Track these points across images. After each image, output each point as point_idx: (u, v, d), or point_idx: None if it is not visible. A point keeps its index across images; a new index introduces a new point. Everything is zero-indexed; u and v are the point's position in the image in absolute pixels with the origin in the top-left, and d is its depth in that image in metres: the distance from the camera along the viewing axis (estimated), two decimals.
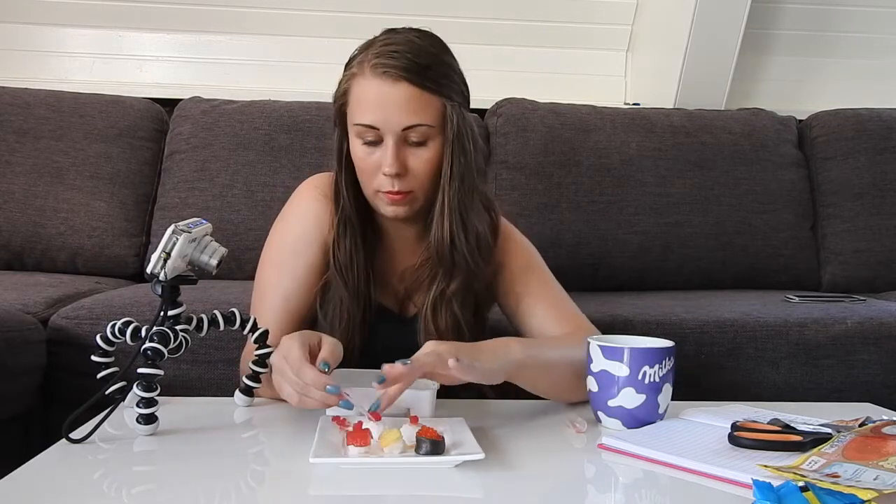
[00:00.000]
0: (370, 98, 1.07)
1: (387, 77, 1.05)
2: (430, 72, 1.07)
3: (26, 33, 2.38)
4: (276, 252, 1.19)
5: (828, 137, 2.24)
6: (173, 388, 1.33)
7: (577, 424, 0.97)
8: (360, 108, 1.08)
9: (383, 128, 1.07)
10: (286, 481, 0.80)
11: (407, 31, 1.12)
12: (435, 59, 1.09)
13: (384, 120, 1.06)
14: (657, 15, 2.42)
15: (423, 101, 1.07)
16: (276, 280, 1.17)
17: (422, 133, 1.08)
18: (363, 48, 1.11)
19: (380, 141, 1.08)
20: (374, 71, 1.06)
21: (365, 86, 1.07)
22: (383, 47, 1.08)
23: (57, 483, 0.77)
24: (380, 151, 1.08)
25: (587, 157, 2.08)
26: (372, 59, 1.07)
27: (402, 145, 1.08)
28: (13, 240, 1.95)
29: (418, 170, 1.10)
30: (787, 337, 1.54)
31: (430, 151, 1.09)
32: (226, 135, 2.04)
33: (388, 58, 1.06)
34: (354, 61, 1.11)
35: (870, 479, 0.72)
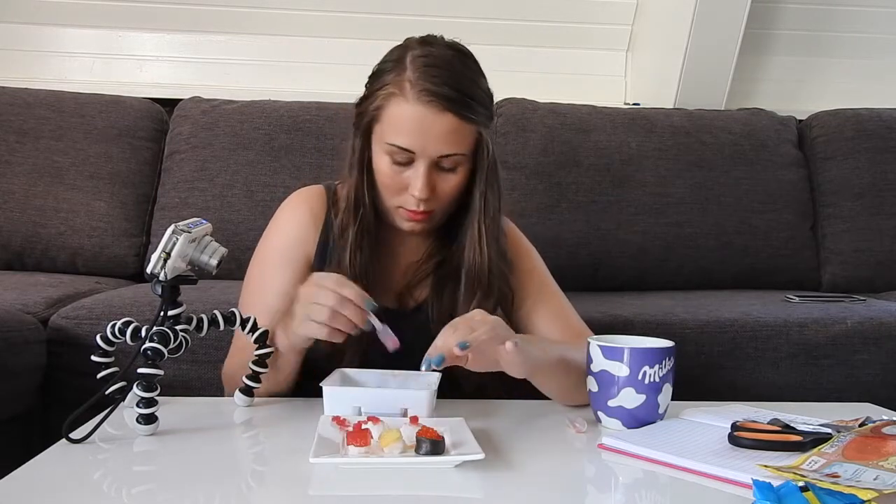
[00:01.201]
0: (411, 123, 1.06)
1: (431, 106, 1.04)
2: (472, 102, 1.07)
3: (26, 33, 2.38)
4: (260, 264, 1.21)
5: (828, 137, 2.25)
6: (173, 388, 1.33)
7: (577, 424, 0.97)
8: (397, 130, 1.07)
9: (419, 153, 1.07)
10: (286, 481, 0.80)
11: (443, 46, 1.10)
12: (475, 86, 1.09)
13: (422, 147, 1.06)
14: (657, 15, 2.42)
15: (462, 132, 1.07)
16: (260, 292, 1.18)
17: (454, 161, 1.09)
18: (397, 62, 1.09)
19: (410, 162, 1.08)
20: (418, 97, 1.05)
21: (407, 109, 1.05)
22: (426, 68, 1.06)
23: (57, 483, 0.77)
24: (409, 172, 1.08)
25: (587, 157, 2.08)
26: (416, 82, 1.05)
27: (433, 169, 1.08)
28: (13, 240, 1.95)
29: (444, 193, 1.11)
30: (787, 337, 1.54)
31: (459, 177, 1.11)
32: (226, 135, 2.04)
33: (433, 83, 1.04)
34: (389, 77, 1.08)
35: (870, 479, 0.72)
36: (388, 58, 1.12)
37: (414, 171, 1.08)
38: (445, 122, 1.05)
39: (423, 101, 1.05)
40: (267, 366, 1.05)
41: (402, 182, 1.09)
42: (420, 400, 0.96)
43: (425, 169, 1.07)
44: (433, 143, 1.06)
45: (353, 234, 1.13)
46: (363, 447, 0.82)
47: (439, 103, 1.04)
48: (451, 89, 1.05)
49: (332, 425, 0.90)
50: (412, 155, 1.07)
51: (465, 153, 1.09)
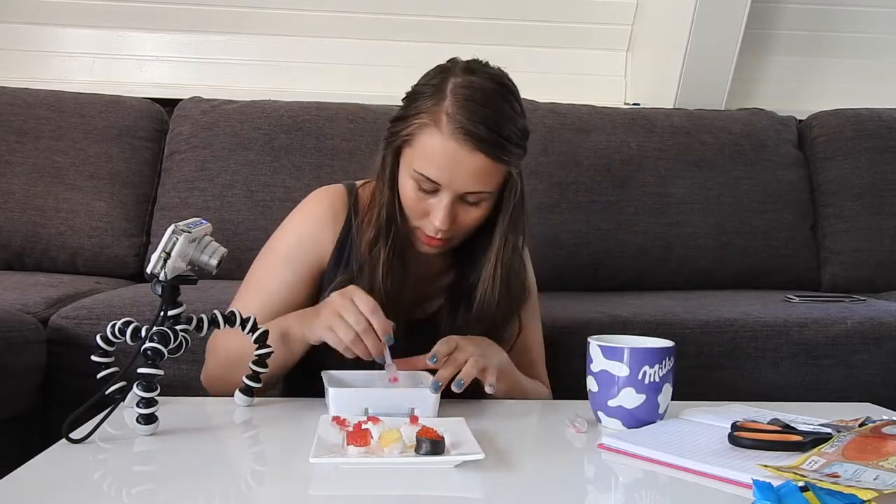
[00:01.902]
0: (441, 157, 1.04)
1: (465, 144, 1.03)
2: (506, 143, 1.06)
3: (26, 33, 2.38)
4: (268, 256, 1.20)
5: (828, 137, 2.25)
6: (173, 388, 1.33)
7: (577, 424, 0.96)
8: (427, 161, 1.06)
9: (445, 186, 1.06)
10: (286, 481, 0.80)
11: (486, 78, 1.08)
12: (512, 124, 1.07)
13: (448, 181, 1.06)
14: (657, 15, 2.42)
15: (492, 171, 1.07)
16: (261, 283, 1.18)
17: (479, 197, 1.09)
18: (436, 87, 1.07)
19: (435, 191, 1.07)
20: (453, 133, 1.03)
21: (439, 142, 1.04)
22: (465, 102, 1.04)
23: (57, 483, 0.77)
24: (432, 199, 1.08)
25: (587, 157, 2.08)
26: (452, 116, 1.03)
27: (457, 202, 1.08)
28: (13, 240, 1.95)
29: (464, 225, 1.11)
30: (787, 337, 1.54)
31: (482, 211, 1.11)
32: (226, 135, 2.04)
33: (470, 121, 1.03)
34: (427, 104, 1.06)
35: (870, 479, 0.72)
36: (428, 80, 1.10)
37: (437, 202, 1.07)
38: (476, 162, 1.04)
39: (456, 138, 1.03)
40: (267, 366, 1.05)
41: (424, 208, 1.09)
42: (427, 399, 0.97)
43: (449, 202, 1.07)
44: (461, 180, 1.05)
45: (385, 255, 1.12)
46: (363, 447, 0.82)
47: (473, 142, 1.03)
48: (487, 129, 1.03)
49: (332, 425, 0.90)
50: (438, 186, 1.07)
51: (491, 191, 1.09)
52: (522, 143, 1.11)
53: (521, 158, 1.11)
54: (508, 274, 1.16)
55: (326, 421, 0.91)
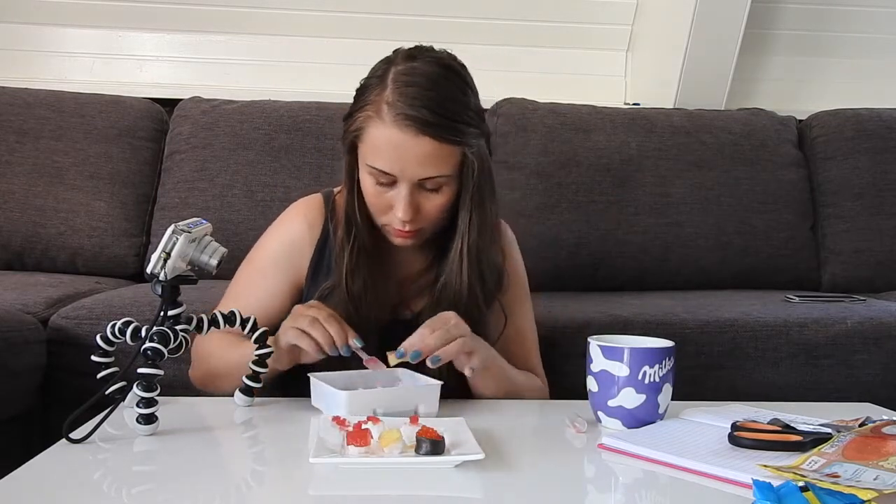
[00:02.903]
0: (388, 147, 1.04)
1: (408, 130, 1.02)
2: (452, 123, 1.04)
3: (26, 33, 2.38)
4: (249, 268, 1.22)
5: (828, 137, 2.25)
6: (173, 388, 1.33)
7: (577, 424, 0.96)
8: (376, 154, 1.05)
9: (399, 176, 1.06)
10: (286, 481, 0.80)
11: (427, 62, 1.07)
12: (458, 105, 1.06)
13: (400, 170, 1.05)
14: (657, 15, 2.42)
15: (442, 154, 1.05)
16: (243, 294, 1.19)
17: (437, 182, 1.07)
18: (379, 78, 1.06)
19: (393, 183, 1.07)
20: (394, 120, 1.02)
21: (384, 132, 1.04)
22: (405, 88, 1.03)
23: (57, 483, 0.77)
24: (392, 192, 1.07)
25: (587, 157, 2.08)
26: (392, 104, 1.03)
27: (416, 191, 1.07)
28: (13, 240, 1.95)
29: (430, 213, 1.10)
30: (787, 337, 1.54)
31: (444, 196, 1.09)
32: (226, 135, 2.04)
33: (410, 106, 1.02)
34: (370, 96, 1.06)
35: (870, 479, 0.72)
36: (373, 73, 1.10)
37: (397, 193, 1.07)
38: (423, 146, 1.03)
39: (398, 125, 1.02)
40: (267, 366, 1.05)
41: (387, 202, 1.08)
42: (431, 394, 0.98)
43: (407, 192, 1.06)
44: (412, 167, 1.04)
45: (349, 255, 1.12)
46: (363, 447, 0.82)
47: (416, 127, 1.02)
48: (430, 111, 1.02)
49: (332, 425, 0.90)
50: (393, 177, 1.06)
51: (447, 174, 1.07)
52: (475, 121, 1.08)
53: (476, 138, 1.08)
54: (478, 258, 1.13)
55: (326, 421, 0.91)
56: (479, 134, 1.09)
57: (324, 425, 0.89)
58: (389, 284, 1.19)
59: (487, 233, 1.14)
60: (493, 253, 1.17)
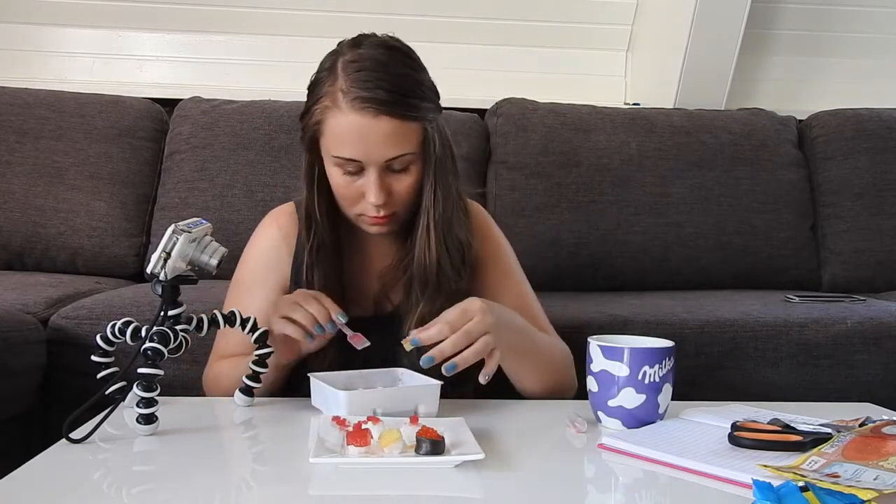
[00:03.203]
0: (350, 134, 1.05)
1: (366, 112, 1.03)
2: (408, 100, 1.05)
3: (26, 33, 2.38)
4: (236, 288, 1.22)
5: (828, 137, 2.25)
6: (173, 388, 1.33)
7: (577, 424, 0.96)
8: (339, 143, 1.06)
9: (366, 161, 1.06)
10: (286, 481, 0.80)
11: (373, 46, 1.08)
12: (410, 81, 1.07)
13: (366, 154, 1.05)
14: (657, 15, 2.42)
15: (404, 131, 1.06)
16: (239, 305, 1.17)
17: (404, 161, 1.08)
18: (329, 70, 1.07)
19: (360, 171, 1.07)
20: (351, 106, 1.03)
21: (343, 120, 1.04)
22: (356, 74, 1.04)
23: (57, 483, 0.77)
24: (362, 180, 1.08)
25: (587, 157, 2.08)
26: (347, 91, 1.04)
27: (385, 173, 1.08)
28: (13, 240, 1.95)
29: (401, 194, 1.10)
30: (787, 337, 1.54)
31: (413, 175, 1.10)
32: (226, 135, 2.04)
33: (364, 89, 1.03)
34: (323, 88, 1.07)
35: (870, 479, 0.72)
36: (322, 67, 1.10)
37: (366, 179, 1.07)
38: (384, 126, 1.04)
39: (357, 109, 1.03)
40: (267, 366, 1.05)
41: (357, 190, 1.09)
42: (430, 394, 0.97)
43: (376, 175, 1.06)
44: (377, 149, 1.05)
45: (308, 252, 1.13)
46: (363, 447, 0.82)
47: (374, 108, 1.03)
48: (385, 91, 1.03)
49: (332, 425, 0.90)
50: (360, 164, 1.06)
51: (413, 152, 1.08)
52: (430, 96, 1.10)
53: (433, 112, 1.10)
54: (445, 232, 1.13)
55: (326, 421, 0.91)
56: (435, 108, 1.10)
57: (324, 425, 0.89)
58: (367, 279, 1.20)
59: (451, 207, 1.14)
60: (459, 228, 1.16)
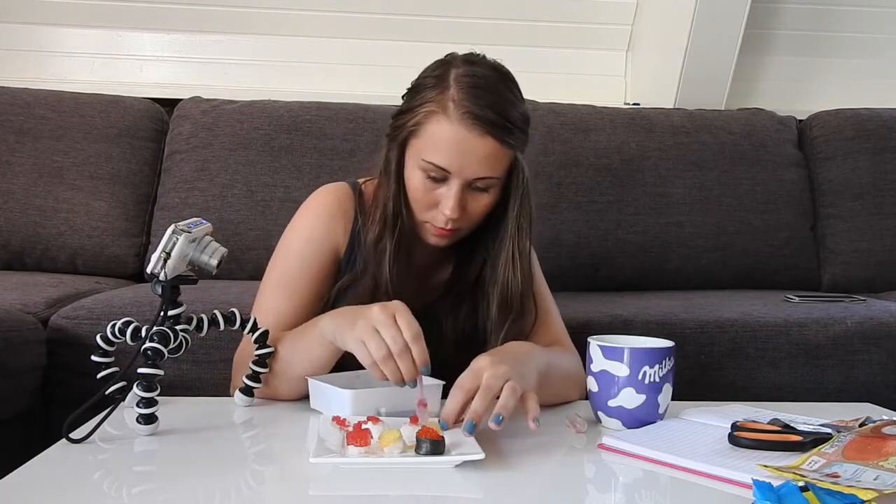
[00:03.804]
0: (450, 143, 1.05)
1: (474, 129, 1.04)
2: (512, 127, 1.07)
3: (26, 33, 2.38)
4: (286, 252, 1.19)
5: (828, 137, 2.25)
6: (173, 388, 1.33)
7: (577, 424, 0.97)
8: (436, 149, 1.06)
9: (454, 173, 1.07)
10: (286, 481, 0.80)
11: (487, 67, 1.10)
12: (515, 110, 1.09)
13: (458, 167, 1.06)
14: (657, 15, 2.42)
15: (499, 156, 1.08)
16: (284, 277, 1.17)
17: (488, 183, 1.09)
18: (439, 79, 1.08)
19: (444, 179, 1.08)
20: (461, 118, 1.04)
21: (448, 129, 1.05)
22: (471, 89, 1.06)
23: (57, 483, 0.77)
24: (442, 189, 1.09)
25: (587, 157, 2.08)
26: (460, 103, 1.05)
27: (466, 190, 1.09)
28: (13, 240, 1.95)
29: (474, 213, 1.11)
30: (787, 337, 1.54)
31: (490, 197, 1.11)
32: (226, 135, 2.04)
33: (477, 106, 1.04)
34: (432, 93, 1.07)
35: (870, 479, 0.72)
36: (430, 73, 1.11)
37: (447, 190, 1.08)
38: (485, 146, 1.05)
39: (465, 123, 1.04)
40: (267, 365, 1.05)
41: (433, 198, 1.10)
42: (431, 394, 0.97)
43: (458, 189, 1.07)
44: (470, 165, 1.06)
45: (391, 249, 1.12)
46: (363, 447, 0.82)
47: (482, 126, 1.04)
48: (494, 113, 1.05)
49: (332, 425, 0.90)
50: (447, 174, 1.07)
51: (499, 177, 1.10)
52: (525, 128, 1.12)
53: (525, 144, 1.12)
54: (528, 259, 1.18)
55: (326, 421, 0.91)
56: (526, 140, 1.13)
57: (324, 425, 0.89)
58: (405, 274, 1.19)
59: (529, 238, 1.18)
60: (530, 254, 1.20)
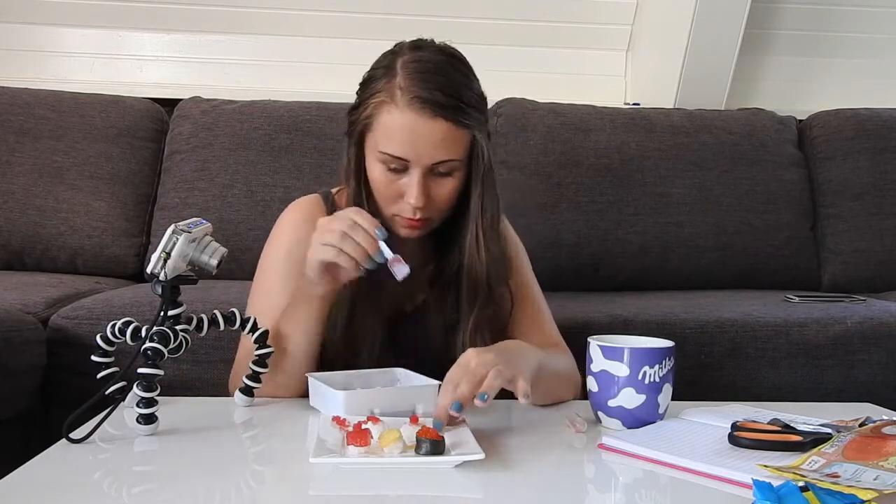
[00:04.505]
0: (402, 131, 1.05)
1: (423, 113, 1.03)
2: (465, 107, 1.06)
3: (26, 33, 2.38)
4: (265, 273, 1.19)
5: (828, 137, 2.25)
6: (173, 388, 1.33)
7: (577, 424, 0.97)
8: (390, 139, 1.06)
9: (413, 161, 1.06)
10: (286, 481, 0.80)
11: (434, 51, 1.09)
12: (468, 89, 1.08)
13: (415, 154, 1.05)
14: (657, 15, 2.42)
15: (455, 137, 1.06)
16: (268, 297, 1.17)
17: (449, 166, 1.08)
18: (387, 68, 1.08)
19: (404, 169, 1.07)
20: (410, 104, 1.04)
21: (398, 117, 1.04)
22: (417, 74, 1.05)
23: (57, 483, 0.77)
24: (404, 179, 1.08)
25: (587, 157, 2.08)
26: (406, 89, 1.04)
27: (428, 176, 1.08)
28: (13, 240, 1.95)
29: (440, 199, 1.10)
30: (787, 337, 1.54)
31: (455, 182, 1.10)
32: (226, 135, 2.04)
33: (424, 89, 1.04)
34: (380, 84, 1.07)
35: (870, 479, 0.72)
36: (379, 64, 1.11)
37: (409, 179, 1.07)
38: (438, 129, 1.04)
39: (414, 108, 1.04)
40: (267, 365, 1.05)
41: (397, 190, 1.08)
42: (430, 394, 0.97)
43: (420, 176, 1.06)
44: (427, 151, 1.05)
45: None
46: (363, 447, 0.82)
47: (431, 110, 1.03)
48: (443, 95, 1.04)
49: (332, 425, 0.90)
50: (406, 163, 1.06)
51: (459, 158, 1.08)
52: (481, 107, 1.11)
53: (483, 124, 1.10)
54: (496, 240, 1.15)
55: (326, 421, 0.91)
56: (485, 120, 1.11)
57: (324, 425, 0.89)
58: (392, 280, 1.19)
59: (497, 218, 1.15)
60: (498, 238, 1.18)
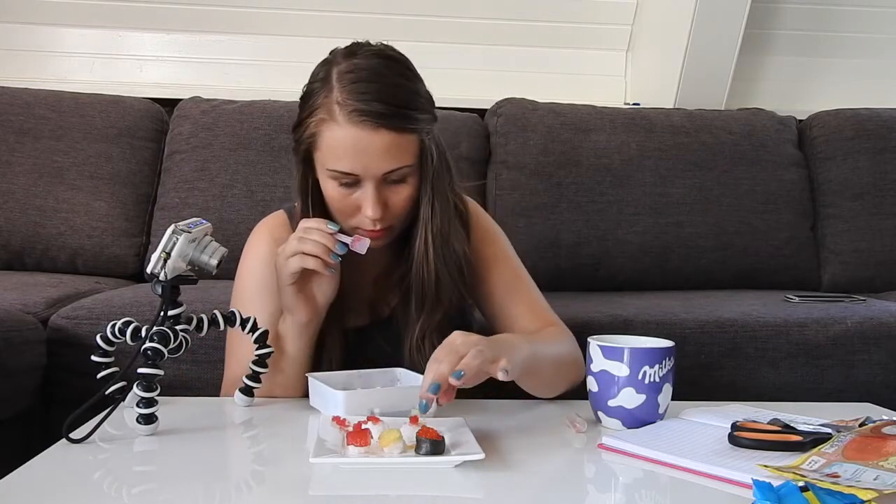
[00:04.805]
0: (347, 147, 1.02)
1: (364, 126, 1.01)
2: (406, 112, 1.03)
3: (26, 33, 2.38)
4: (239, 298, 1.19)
5: (828, 137, 2.25)
6: (173, 388, 1.33)
7: (577, 424, 0.97)
8: (336, 156, 1.03)
9: (363, 175, 1.04)
10: (286, 481, 0.80)
11: (367, 56, 1.05)
12: (407, 92, 1.05)
13: (364, 168, 1.03)
14: (657, 15, 2.42)
15: (402, 144, 1.04)
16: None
17: (401, 173, 1.06)
18: (323, 81, 1.05)
19: (356, 183, 1.05)
20: (349, 119, 1.01)
21: (340, 134, 1.02)
22: (352, 85, 1.02)
23: (57, 483, 0.77)
24: (358, 192, 1.06)
25: (587, 157, 2.08)
26: (343, 103, 1.01)
27: (381, 186, 1.05)
28: (13, 240, 1.95)
29: (398, 206, 1.08)
30: (787, 337, 1.54)
31: (410, 187, 1.08)
32: (226, 135, 2.04)
33: (362, 101, 1.00)
34: (318, 100, 1.04)
35: (870, 479, 0.72)
36: (315, 77, 1.08)
37: (363, 192, 1.05)
38: (382, 140, 1.01)
39: (354, 123, 1.01)
40: (267, 366, 1.05)
41: (353, 203, 1.06)
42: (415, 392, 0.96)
43: (373, 189, 1.04)
44: (374, 163, 1.03)
45: None
46: (363, 447, 0.82)
47: (372, 121, 1.00)
48: (382, 104, 1.01)
49: (332, 425, 0.90)
50: (357, 177, 1.04)
51: (410, 164, 1.06)
52: (426, 107, 1.08)
53: (430, 123, 1.08)
54: (443, 244, 1.12)
55: (326, 421, 0.91)
56: (431, 119, 1.09)
57: (324, 425, 0.89)
58: (363, 287, 1.19)
59: (448, 220, 1.13)
60: (456, 240, 1.15)
